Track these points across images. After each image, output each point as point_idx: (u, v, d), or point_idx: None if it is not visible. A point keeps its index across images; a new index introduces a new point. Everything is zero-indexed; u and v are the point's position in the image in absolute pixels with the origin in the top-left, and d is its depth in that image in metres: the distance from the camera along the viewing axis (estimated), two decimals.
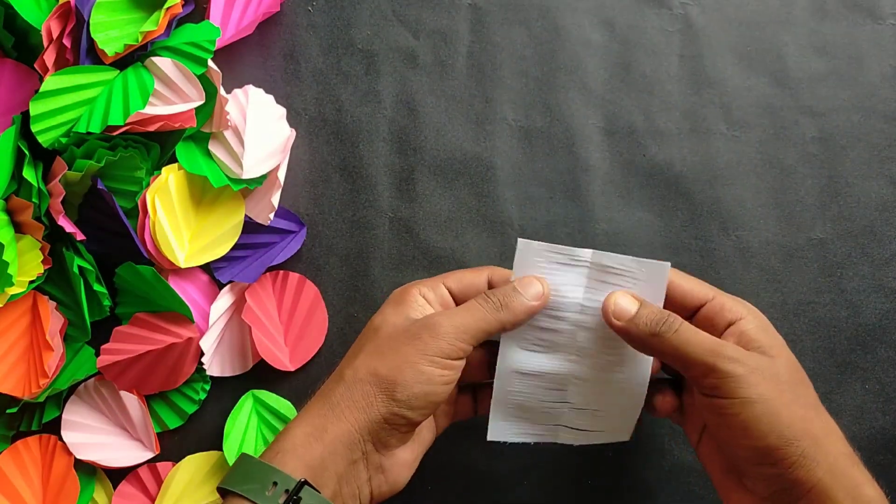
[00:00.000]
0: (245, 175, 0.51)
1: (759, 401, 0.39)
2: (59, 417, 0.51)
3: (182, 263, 0.51)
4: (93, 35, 0.49)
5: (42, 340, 0.49)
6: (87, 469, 0.51)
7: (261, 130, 0.52)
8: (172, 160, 0.52)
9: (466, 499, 0.52)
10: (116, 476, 0.51)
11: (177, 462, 0.51)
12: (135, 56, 0.51)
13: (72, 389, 0.51)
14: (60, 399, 0.51)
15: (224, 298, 0.52)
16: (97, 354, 0.50)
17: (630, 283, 0.44)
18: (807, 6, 0.55)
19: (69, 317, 0.51)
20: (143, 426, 0.51)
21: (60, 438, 0.51)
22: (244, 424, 0.51)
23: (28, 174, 0.48)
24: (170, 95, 0.50)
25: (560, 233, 0.53)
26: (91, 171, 0.49)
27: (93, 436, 0.51)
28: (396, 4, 0.56)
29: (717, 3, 0.55)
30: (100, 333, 0.51)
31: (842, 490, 0.38)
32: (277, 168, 0.52)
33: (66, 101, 0.48)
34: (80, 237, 0.49)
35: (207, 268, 0.53)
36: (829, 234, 0.53)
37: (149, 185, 0.50)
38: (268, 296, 0.53)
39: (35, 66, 0.49)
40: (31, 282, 0.49)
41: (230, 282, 0.53)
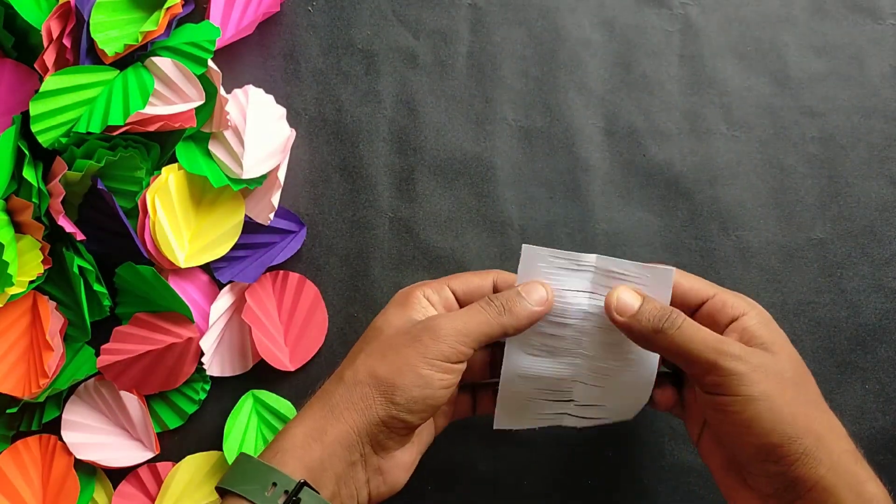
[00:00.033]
0: (245, 175, 0.51)
1: (762, 398, 0.39)
2: (59, 417, 0.51)
3: (182, 263, 0.51)
4: (93, 35, 0.49)
5: (42, 340, 0.49)
6: (87, 469, 0.51)
7: (261, 130, 0.52)
8: (172, 160, 0.52)
9: (466, 499, 0.52)
10: (116, 476, 0.51)
11: (177, 462, 0.51)
12: (135, 56, 0.51)
13: (72, 389, 0.51)
14: (60, 399, 0.51)
15: (224, 298, 0.52)
16: (97, 354, 0.50)
17: None
18: (807, 6, 0.55)
19: (69, 317, 0.51)
20: (143, 426, 0.51)
21: (60, 438, 0.51)
22: (244, 424, 0.51)
23: (28, 174, 0.48)
24: (170, 95, 0.50)
25: (560, 233, 0.53)
26: (91, 171, 0.49)
27: (93, 436, 0.51)
28: (396, 4, 0.56)
29: (717, 3, 0.55)
30: (100, 333, 0.51)
31: (845, 487, 0.38)
32: (277, 168, 0.52)
33: (66, 101, 0.48)
34: (80, 237, 0.49)
35: (207, 268, 0.53)
36: (829, 234, 0.53)
37: (149, 185, 0.50)
38: (268, 296, 0.53)
39: (35, 66, 0.49)
40: (31, 282, 0.48)
41: (230, 282, 0.53)
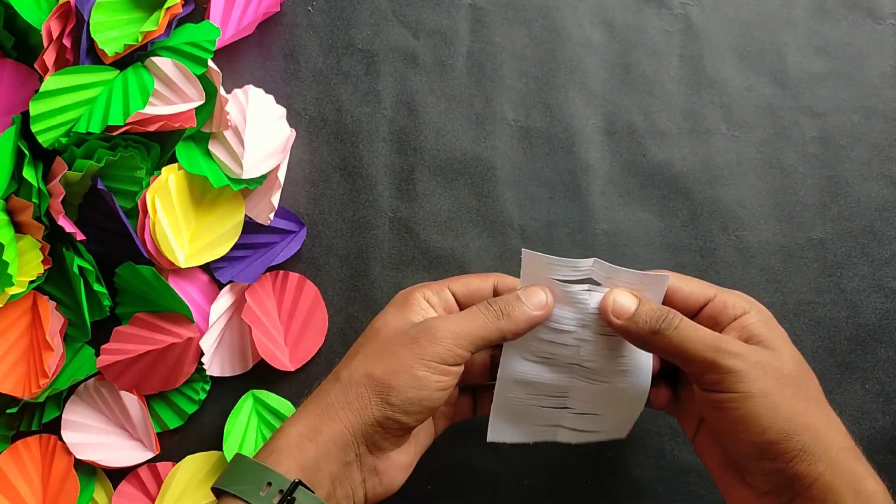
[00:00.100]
0: (245, 175, 0.51)
1: (760, 395, 0.39)
2: (59, 417, 0.51)
3: (182, 263, 0.51)
4: (93, 35, 0.49)
5: (42, 340, 0.49)
6: (87, 469, 0.51)
7: (261, 130, 0.52)
8: (172, 160, 0.52)
9: (466, 499, 0.52)
10: (116, 476, 0.51)
11: (177, 462, 0.51)
12: (135, 56, 0.51)
13: (72, 389, 0.51)
14: (60, 399, 0.51)
15: (224, 298, 0.52)
16: (97, 354, 0.50)
17: None
18: (807, 6, 0.55)
19: (69, 317, 0.51)
20: (143, 426, 0.51)
21: (60, 438, 0.51)
22: (244, 424, 0.51)
23: (28, 174, 0.48)
24: (170, 95, 0.50)
25: (560, 233, 0.53)
26: (91, 171, 0.49)
27: (93, 436, 0.51)
28: (396, 4, 0.56)
29: (717, 3, 0.55)
30: (100, 333, 0.51)
31: (844, 484, 0.38)
32: (277, 168, 0.52)
33: (66, 101, 0.48)
34: (80, 237, 0.49)
35: (207, 268, 0.53)
36: (829, 234, 0.53)
37: (149, 185, 0.50)
38: (268, 296, 0.53)
39: (35, 66, 0.49)
40: (31, 282, 0.48)
41: (230, 282, 0.53)
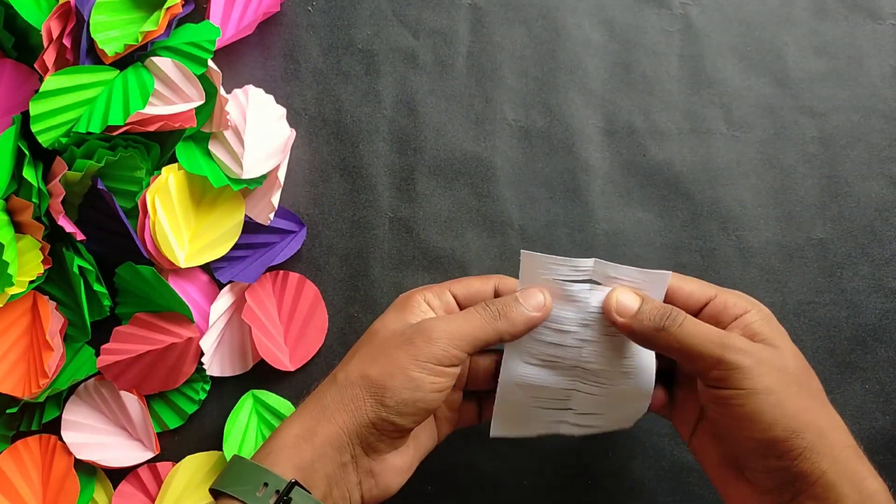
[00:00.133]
0: (245, 175, 0.51)
1: (766, 392, 0.39)
2: (59, 417, 0.51)
3: (182, 263, 0.51)
4: (93, 35, 0.49)
5: (42, 340, 0.49)
6: (87, 469, 0.51)
7: (261, 130, 0.52)
8: (172, 160, 0.52)
9: (466, 499, 0.52)
10: (116, 476, 0.51)
11: (177, 462, 0.51)
12: (135, 56, 0.51)
13: (72, 389, 0.51)
14: (60, 399, 0.51)
15: (224, 298, 0.52)
16: (97, 354, 0.50)
17: None
18: (807, 6, 0.55)
19: (69, 317, 0.51)
20: (143, 426, 0.51)
21: (60, 438, 0.51)
22: (244, 424, 0.51)
23: (28, 174, 0.48)
24: (170, 95, 0.50)
25: (560, 233, 0.53)
26: (91, 171, 0.49)
27: (93, 436, 0.51)
28: (396, 4, 0.56)
29: (717, 3, 0.55)
30: (100, 333, 0.51)
31: (846, 483, 0.38)
32: (277, 168, 0.52)
33: (66, 101, 0.48)
34: (80, 237, 0.49)
35: (207, 268, 0.53)
36: (829, 234, 0.53)
37: (149, 185, 0.50)
38: (268, 296, 0.53)
39: (35, 66, 0.49)
40: (31, 282, 0.48)
41: (230, 282, 0.53)
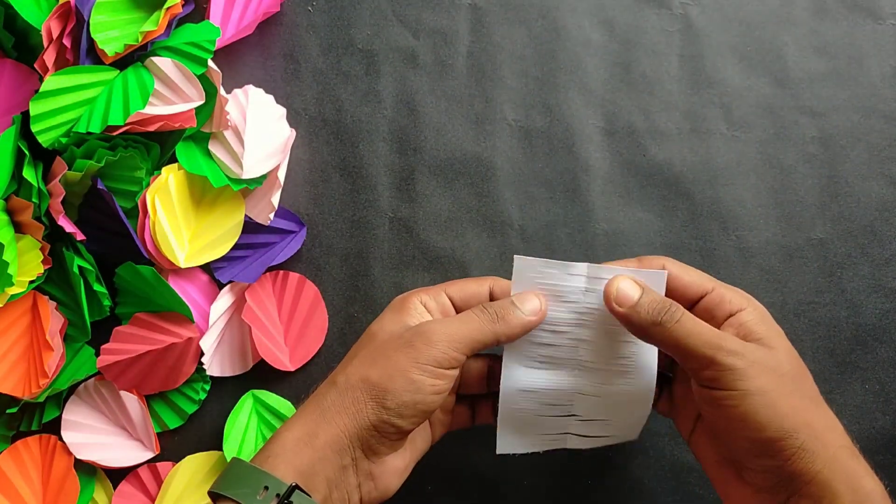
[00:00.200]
0: (245, 175, 0.51)
1: (758, 393, 0.39)
2: (59, 417, 0.51)
3: (182, 263, 0.51)
4: (93, 35, 0.49)
5: (42, 340, 0.49)
6: (87, 469, 0.51)
7: (261, 130, 0.52)
8: (172, 160, 0.52)
9: (466, 499, 0.52)
10: (116, 476, 0.51)
11: (177, 462, 0.51)
12: (135, 56, 0.51)
13: (72, 389, 0.51)
14: (60, 399, 0.51)
15: (224, 298, 0.52)
16: (97, 354, 0.50)
17: None
18: (807, 6, 0.55)
19: (69, 317, 0.51)
20: (143, 426, 0.51)
21: (60, 438, 0.51)
22: (244, 424, 0.51)
23: (28, 174, 0.48)
24: (170, 95, 0.50)
25: (560, 233, 0.53)
26: (91, 171, 0.49)
27: (93, 436, 0.51)
28: (396, 4, 0.56)
29: (717, 3, 0.55)
30: (100, 333, 0.51)
31: (841, 482, 0.38)
32: (277, 168, 0.52)
33: (66, 101, 0.48)
34: (80, 237, 0.49)
35: (207, 268, 0.53)
36: (829, 234, 0.53)
37: (149, 185, 0.50)
38: (268, 296, 0.53)
39: (35, 66, 0.49)
40: (31, 282, 0.49)
41: (230, 282, 0.53)
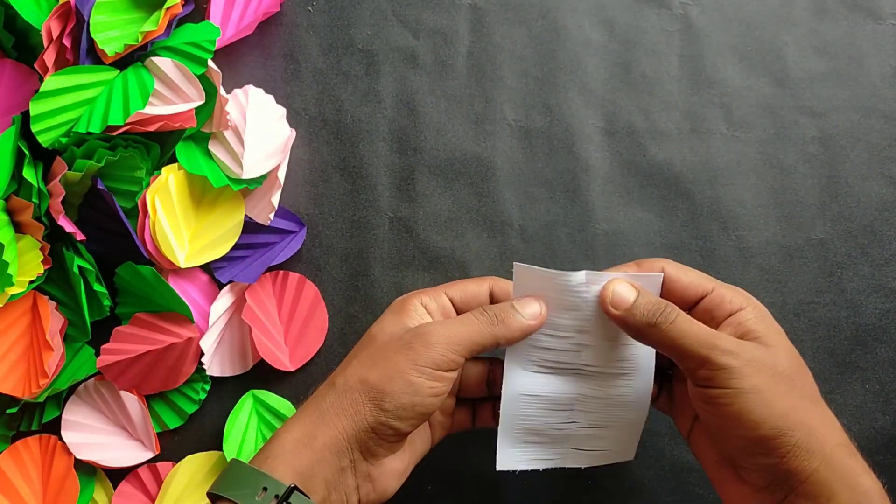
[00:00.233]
0: (245, 175, 0.51)
1: (752, 391, 0.39)
2: (59, 417, 0.51)
3: (182, 263, 0.51)
4: (93, 35, 0.49)
5: (42, 340, 0.49)
6: (87, 469, 0.51)
7: (261, 130, 0.52)
8: (172, 160, 0.52)
9: (466, 499, 0.52)
10: (116, 476, 0.51)
11: (177, 462, 0.51)
12: (135, 56, 0.51)
13: (72, 389, 0.51)
14: (60, 399, 0.51)
15: (224, 298, 0.52)
16: (97, 354, 0.50)
17: None
18: (807, 6, 0.55)
19: (69, 317, 0.51)
20: (143, 426, 0.51)
21: (60, 438, 0.51)
22: (244, 424, 0.51)
23: (28, 174, 0.48)
24: (170, 95, 0.50)
25: (560, 233, 0.53)
26: (91, 171, 0.49)
27: (93, 436, 0.51)
28: (396, 4, 0.56)
29: (717, 3, 0.55)
30: (100, 333, 0.51)
31: (838, 480, 0.38)
32: (277, 168, 0.52)
33: (66, 101, 0.48)
34: (80, 237, 0.49)
35: (207, 268, 0.53)
36: (829, 234, 0.53)
37: (149, 185, 0.50)
38: (268, 296, 0.53)
39: (35, 66, 0.49)
40: (31, 282, 0.49)
41: (230, 282, 0.53)
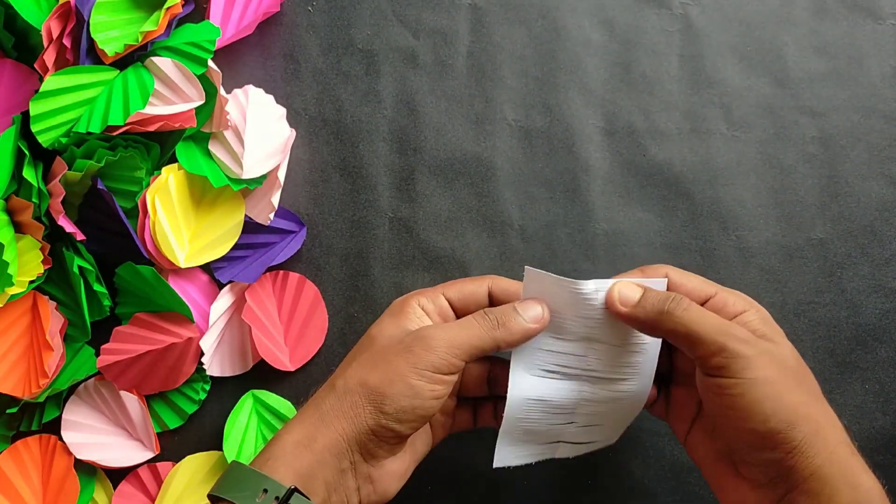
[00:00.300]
0: (245, 175, 0.51)
1: (765, 382, 0.39)
2: (59, 417, 0.51)
3: (182, 263, 0.51)
4: (93, 35, 0.49)
5: (42, 340, 0.49)
6: (87, 469, 0.51)
7: (261, 130, 0.52)
8: (172, 160, 0.52)
9: (466, 499, 0.52)
10: (116, 476, 0.51)
11: (177, 462, 0.51)
12: (135, 56, 0.51)
13: (72, 389, 0.51)
14: (60, 399, 0.51)
15: (224, 298, 0.52)
16: (97, 354, 0.50)
17: None
18: (807, 6, 0.55)
19: (69, 317, 0.51)
20: (143, 426, 0.51)
21: (60, 438, 0.51)
22: (244, 424, 0.51)
23: (28, 174, 0.48)
24: (170, 95, 0.50)
25: (560, 233, 0.53)
26: (91, 171, 0.49)
27: (93, 436, 0.51)
28: (396, 4, 0.56)
29: (717, 3, 0.55)
30: (100, 333, 0.51)
31: (840, 478, 0.38)
32: (277, 168, 0.52)
33: (66, 101, 0.48)
34: (80, 237, 0.49)
35: (207, 268, 0.53)
36: (829, 234, 0.53)
37: (149, 185, 0.50)
38: (268, 296, 0.53)
39: (35, 66, 0.49)
40: (31, 282, 0.49)
41: (230, 282, 0.53)
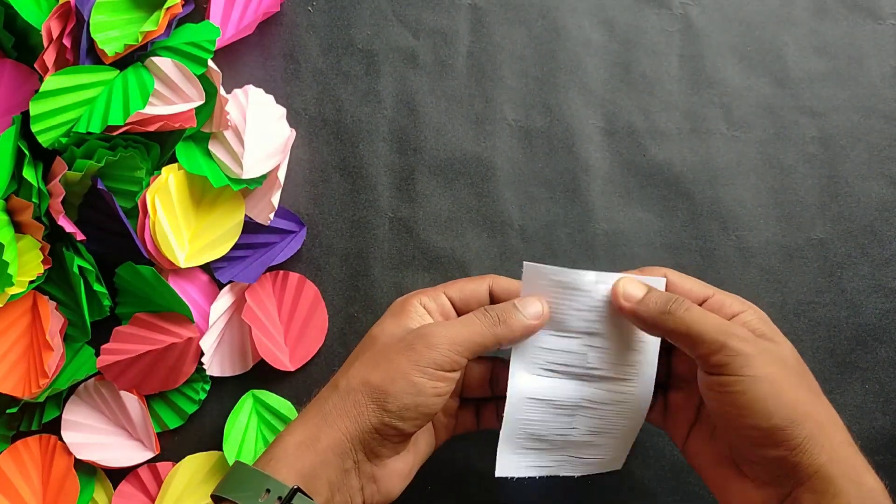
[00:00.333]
0: (245, 175, 0.51)
1: (767, 380, 0.39)
2: (59, 417, 0.51)
3: (182, 263, 0.51)
4: (93, 35, 0.49)
5: (42, 340, 0.49)
6: (87, 469, 0.51)
7: (261, 130, 0.52)
8: (172, 160, 0.52)
9: (466, 499, 0.52)
10: (116, 476, 0.51)
11: (177, 462, 0.51)
12: (135, 56, 0.51)
13: (72, 389, 0.51)
14: (60, 399, 0.51)
15: (224, 298, 0.52)
16: (97, 354, 0.50)
17: None
18: (807, 6, 0.55)
19: (69, 317, 0.51)
20: (143, 426, 0.51)
21: (60, 438, 0.51)
22: (244, 424, 0.51)
23: (28, 174, 0.48)
24: (170, 95, 0.50)
25: (560, 233, 0.53)
26: (91, 171, 0.49)
27: (93, 436, 0.51)
28: (396, 4, 0.56)
29: (717, 3, 0.55)
30: (100, 333, 0.51)
31: (844, 477, 0.38)
32: (277, 168, 0.52)
33: (66, 101, 0.48)
34: (80, 237, 0.49)
35: (207, 268, 0.53)
36: (829, 234, 0.53)
37: (149, 185, 0.50)
38: (268, 296, 0.53)
39: (35, 66, 0.49)
40: (31, 282, 0.49)
41: (230, 282, 0.53)
